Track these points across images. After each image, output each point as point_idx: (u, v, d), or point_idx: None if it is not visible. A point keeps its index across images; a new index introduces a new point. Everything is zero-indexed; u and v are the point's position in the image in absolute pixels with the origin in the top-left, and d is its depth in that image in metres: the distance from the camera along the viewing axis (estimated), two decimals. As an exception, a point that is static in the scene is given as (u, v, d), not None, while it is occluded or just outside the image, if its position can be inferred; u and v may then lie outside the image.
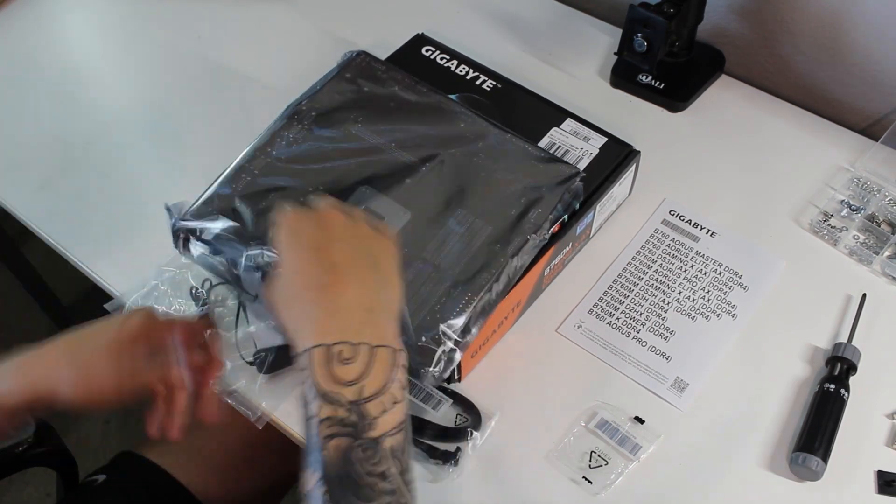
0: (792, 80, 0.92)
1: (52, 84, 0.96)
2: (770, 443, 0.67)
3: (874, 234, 0.79)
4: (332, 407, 0.46)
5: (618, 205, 0.82)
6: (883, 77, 0.85)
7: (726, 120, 0.90)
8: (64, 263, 0.82)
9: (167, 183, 0.86)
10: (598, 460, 0.66)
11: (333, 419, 0.46)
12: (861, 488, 0.64)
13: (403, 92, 0.76)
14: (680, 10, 0.83)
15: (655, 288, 0.76)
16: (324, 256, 0.51)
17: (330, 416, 0.46)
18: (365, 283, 0.52)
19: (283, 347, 0.72)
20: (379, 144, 0.72)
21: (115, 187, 0.86)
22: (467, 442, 0.67)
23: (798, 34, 0.88)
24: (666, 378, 0.70)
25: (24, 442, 0.80)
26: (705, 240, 0.79)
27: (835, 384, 0.67)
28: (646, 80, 0.91)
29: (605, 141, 0.78)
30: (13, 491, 1.43)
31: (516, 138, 0.73)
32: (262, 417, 0.69)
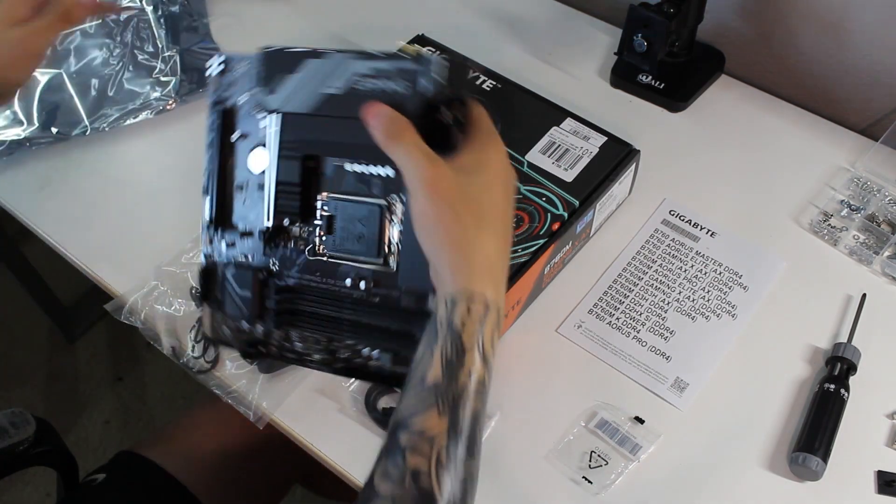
0: (792, 80, 0.92)
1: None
2: (770, 443, 0.67)
3: (874, 234, 0.79)
4: (483, 369, 0.46)
5: (618, 204, 0.82)
6: (883, 77, 0.85)
7: (726, 120, 0.90)
8: (64, 263, 0.82)
9: (167, 182, 0.86)
10: (598, 460, 0.66)
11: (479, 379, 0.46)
12: (861, 488, 0.64)
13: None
14: (680, 10, 0.83)
15: (655, 288, 0.76)
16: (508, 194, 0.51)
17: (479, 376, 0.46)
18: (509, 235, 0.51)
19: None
20: None
21: (115, 187, 0.86)
22: (467, 442, 0.67)
23: (798, 34, 0.88)
24: (666, 378, 0.71)
25: (24, 441, 0.80)
26: (705, 240, 0.79)
27: (835, 384, 0.67)
28: (646, 80, 0.91)
29: (605, 140, 0.78)
30: (13, 491, 1.43)
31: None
32: (263, 417, 0.69)
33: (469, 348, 0.46)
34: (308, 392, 0.71)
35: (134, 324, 0.75)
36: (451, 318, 0.46)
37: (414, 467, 0.43)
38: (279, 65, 0.56)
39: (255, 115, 0.59)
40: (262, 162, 0.58)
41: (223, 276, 0.59)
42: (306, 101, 0.55)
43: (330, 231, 0.56)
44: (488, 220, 0.49)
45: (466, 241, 0.47)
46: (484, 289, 0.47)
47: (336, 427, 0.69)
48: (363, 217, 0.55)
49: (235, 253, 0.59)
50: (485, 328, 0.47)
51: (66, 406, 1.55)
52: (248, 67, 0.58)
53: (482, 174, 0.50)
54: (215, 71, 0.59)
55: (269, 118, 0.57)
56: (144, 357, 1.60)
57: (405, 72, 0.51)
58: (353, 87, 0.53)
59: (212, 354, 0.73)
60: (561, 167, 0.76)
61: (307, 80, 0.55)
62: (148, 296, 0.76)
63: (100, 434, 1.51)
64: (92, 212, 0.85)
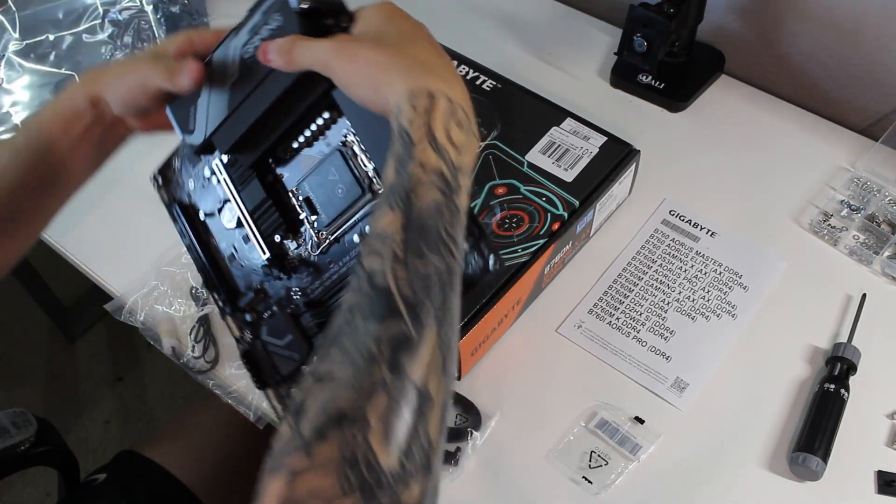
0: (792, 80, 0.92)
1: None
2: (770, 443, 0.67)
3: (874, 234, 0.79)
4: (437, 157, 0.43)
5: (618, 204, 0.82)
6: (883, 77, 0.85)
7: (726, 120, 0.90)
8: (64, 263, 0.83)
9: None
10: (598, 460, 0.66)
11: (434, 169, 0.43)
12: (861, 488, 0.64)
13: None
14: (680, 10, 0.83)
15: (655, 288, 0.76)
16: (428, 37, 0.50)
17: (438, 170, 0.43)
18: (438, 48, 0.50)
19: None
20: None
21: (114, 187, 0.86)
22: (467, 442, 0.67)
23: (798, 34, 0.88)
24: (666, 378, 0.71)
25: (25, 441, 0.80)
26: (705, 240, 0.79)
27: (835, 384, 0.67)
28: (646, 80, 0.91)
29: (605, 140, 0.78)
30: (13, 491, 1.43)
31: None
32: (263, 417, 0.69)
33: (417, 140, 0.43)
34: (308, 392, 0.71)
35: (134, 324, 0.75)
36: (399, 120, 0.44)
37: (369, 268, 0.40)
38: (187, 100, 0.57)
39: (200, 173, 0.61)
40: (233, 211, 0.59)
41: (262, 345, 0.58)
42: (220, 109, 0.55)
43: (315, 211, 0.56)
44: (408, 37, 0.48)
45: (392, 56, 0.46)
46: (425, 82, 0.45)
47: (336, 427, 0.69)
48: (331, 173, 0.54)
49: (255, 315, 0.59)
50: (433, 117, 0.44)
51: (66, 406, 1.55)
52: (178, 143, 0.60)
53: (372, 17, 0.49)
54: (159, 189, 0.63)
55: (213, 166, 0.59)
56: (144, 357, 1.60)
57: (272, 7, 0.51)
58: (243, 60, 0.53)
59: (212, 354, 0.73)
60: (561, 167, 0.76)
61: (212, 89, 0.55)
62: (148, 296, 0.76)
63: (100, 434, 1.51)
64: (92, 212, 0.85)
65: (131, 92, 0.56)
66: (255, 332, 0.59)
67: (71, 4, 0.90)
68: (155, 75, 0.55)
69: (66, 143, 0.58)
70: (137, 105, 0.56)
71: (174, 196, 0.63)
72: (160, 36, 0.92)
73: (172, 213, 0.63)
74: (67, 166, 0.59)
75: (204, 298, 0.76)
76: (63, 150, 0.58)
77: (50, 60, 0.88)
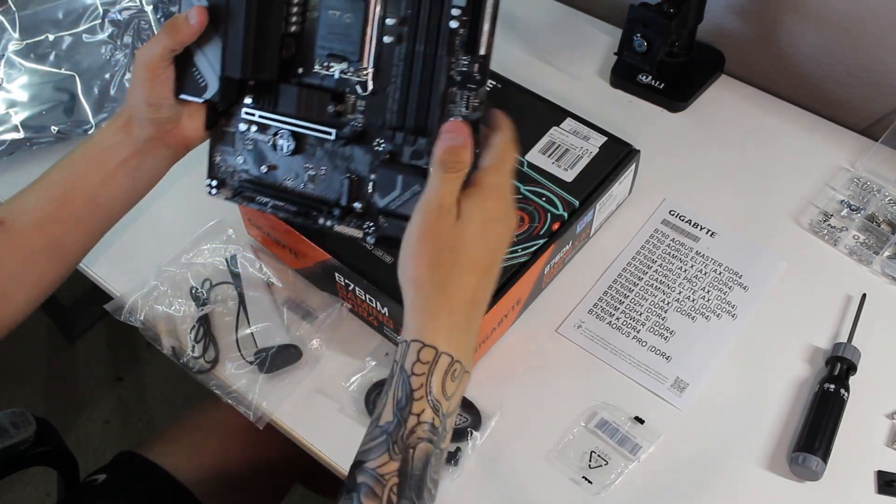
0: (792, 80, 0.92)
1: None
2: (770, 443, 0.67)
3: (874, 234, 0.79)
4: (431, 411, 0.50)
5: (618, 204, 0.82)
6: (883, 77, 0.85)
7: (726, 120, 0.90)
8: (64, 263, 0.82)
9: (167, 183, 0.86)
10: (598, 460, 0.66)
11: (430, 425, 0.49)
12: (861, 488, 0.64)
13: None
14: (680, 10, 0.83)
15: (655, 288, 0.76)
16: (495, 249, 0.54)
17: (431, 421, 0.49)
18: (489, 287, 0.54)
19: (283, 347, 0.72)
20: None
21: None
22: (467, 442, 0.67)
23: (798, 34, 0.88)
24: (666, 378, 0.71)
25: (24, 441, 0.80)
26: (705, 240, 0.79)
27: (835, 384, 0.67)
28: (646, 80, 0.91)
29: (605, 140, 0.78)
30: (13, 491, 1.43)
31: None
32: (263, 417, 0.69)
33: (417, 394, 0.49)
34: (308, 392, 0.71)
35: (134, 324, 0.75)
36: (403, 363, 0.50)
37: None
38: (185, 72, 0.61)
39: (239, 140, 0.64)
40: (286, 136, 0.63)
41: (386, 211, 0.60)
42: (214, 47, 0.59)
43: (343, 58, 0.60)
44: (466, 273, 0.52)
45: (435, 289, 0.51)
46: (435, 340, 0.50)
47: (336, 427, 0.69)
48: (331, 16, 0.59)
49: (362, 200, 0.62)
50: (433, 376, 0.50)
51: (66, 406, 1.55)
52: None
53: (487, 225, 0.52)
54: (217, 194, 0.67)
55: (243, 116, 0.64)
56: (144, 357, 1.60)
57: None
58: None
59: (212, 354, 0.73)
60: (561, 167, 0.76)
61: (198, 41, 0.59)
62: (148, 296, 0.76)
63: (100, 434, 1.51)
64: (92, 212, 0.85)
65: (148, 84, 0.58)
66: (372, 214, 0.61)
67: (71, 4, 0.90)
68: (156, 44, 0.57)
69: (99, 178, 0.62)
70: (159, 96, 0.59)
71: (235, 189, 0.66)
72: (160, 36, 0.92)
73: (242, 202, 0.65)
74: (99, 201, 0.62)
75: (204, 298, 0.76)
76: (95, 184, 0.61)
77: (50, 60, 0.88)
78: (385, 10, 0.58)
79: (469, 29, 0.56)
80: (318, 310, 0.75)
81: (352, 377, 0.71)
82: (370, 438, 0.50)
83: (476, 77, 0.56)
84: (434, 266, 0.51)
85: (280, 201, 0.64)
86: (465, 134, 0.53)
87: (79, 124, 0.88)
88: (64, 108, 0.88)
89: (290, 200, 0.63)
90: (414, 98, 0.58)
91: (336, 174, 0.62)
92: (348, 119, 0.60)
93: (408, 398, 0.49)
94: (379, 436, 0.49)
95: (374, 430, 0.50)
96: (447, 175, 0.52)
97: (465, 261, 0.51)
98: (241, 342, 0.73)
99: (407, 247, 0.52)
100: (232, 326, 0.74)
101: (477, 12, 0.55)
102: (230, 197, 0.66)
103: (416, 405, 0.49)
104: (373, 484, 0.48)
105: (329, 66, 0.60)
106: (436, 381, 0.50)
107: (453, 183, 0.52)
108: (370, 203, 0.61)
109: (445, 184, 0.51)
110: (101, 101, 0.89)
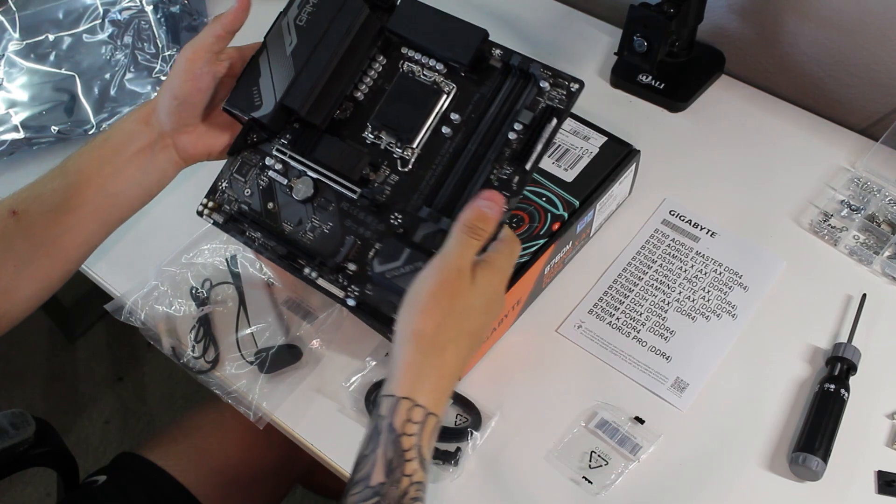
0: (792, 80, 0.92)
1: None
2: (770, 443, 0.67)
3: (874, 234, 0.79)
4: (421, 471, 0.50)
5: (618, 204, 0.82)
6: (883, 77, 0.85)
7: (726, 120, 0.90)
8: (64, 263, 0.82)
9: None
10: (598, 460, 0.66)
11: (421, 484, 0.50)
12: (861, 488, 0.64)
13: None
14: (680, 10, 0.83)
15: (655, 288, 0.76)
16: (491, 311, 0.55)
17: (421, 480, 0.50)
18: (473, 350, 0.55)
19: (283, 347, 0.72)
20: None
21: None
22: (467, 442, 0.67)
23: (798, 34, 0.88)
24: (666, 378, 0.71)
25: (24, 442, 0.80)
26: (705, 240, 0.79)
27: (835, 384, 0.67)
28: (646, 80, 0.91)
29: (605, 140, 0.78)
30: (13, 491, 1.43)
31: None
32: (263, 418, 0.69)
33: (409, 455, 0.49)
34: (308, 392, 0.71)
35: (134, 324, 0.75)
36: (392, 422, 0.50)
37: None
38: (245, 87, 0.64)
39: (255, 175, 0.67)
40: (306, 183, 0.64)
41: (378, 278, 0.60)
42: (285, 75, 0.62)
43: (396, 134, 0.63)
44: (463, 340, 0.53)
45: (434, 348, 0.51)
46: (426, 401, 0.51)
47: (336, 427, 0.69)
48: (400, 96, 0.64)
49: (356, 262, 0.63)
50: (423, 435, 0.50)
51: (66, 406, 1.55)
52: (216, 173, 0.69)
53: (489, 300, 0.54)
54: (208, 216, 0.68)
55: (274, 154, 0.66)
56: (144, 357, 1.60)
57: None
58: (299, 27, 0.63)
59: (212, 354, 0.73)
60: (561, 167, 0.76)
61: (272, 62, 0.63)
62: (148, 296, 0.76)
63: (100, 434, 1.51)
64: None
65: (181, 75, 0.60)
66: (360, 280, 0.62)
67: (71, 4, 0.90)
68: (203, 34, 0.59)
69: (112, 168, 0.62)
70: (187, 91, 0.60)
71: (228, 216, 0.67)
72: (160, 36, 0.92)
73: (230, 231, 0.66)
74: (110, 191, 0.62)
75: (204, 298, 0.76)
76: (108, 175, 0.62)
77: (50, 60, 0.88)
78: (452, 104, 0.62)
79: (524, 145, 0.59)
80: (318, 310, 0.75)
81: (352, 377, 0.71)
82: (361, 499, 0.49)
83: (513, 187, 0.59)
84: (440, 327, 0.51)
85: (271, 241, 0.65)
86: (499, 205, 0.54)
87: (79, 124, 0.88)
88: (64, 108, 0.88)
89: (281, 243, 0.64)
90: (450, 185, 0.60)
91: (340, 232, 0.63)
92: (375, 188, 0.62)
93: (399, 459, 0.49)
94: (371, 497, 0.49)
95: (365, 490, 0.49)
96: (470, 240, 0.53)
97: (468, 328, 0.52)
98: (241, 342, 0.73)
99: (415, 300, 0.52)
100: (232, 326, 0.74)
101: (536, 133, 0.58)
102: (220, 223, 0.67)
103: (407, 466, 0.49)
104: None
105: (379, 136, 0.63)
106: (424, 442, 0.50)
107: (473, 249, 0.53)
108: (363, 268, 0.62)
109: (467, 248, 0.53)
110: (101, 101, 0.89)
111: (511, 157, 0.59)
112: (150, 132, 0.63)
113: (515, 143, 0.59)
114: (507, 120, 0.60)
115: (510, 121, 0.60)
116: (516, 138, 0.59)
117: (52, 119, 0.87)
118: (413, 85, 0.63)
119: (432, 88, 0.62)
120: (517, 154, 0.59)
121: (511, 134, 0.59)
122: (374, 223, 0.62)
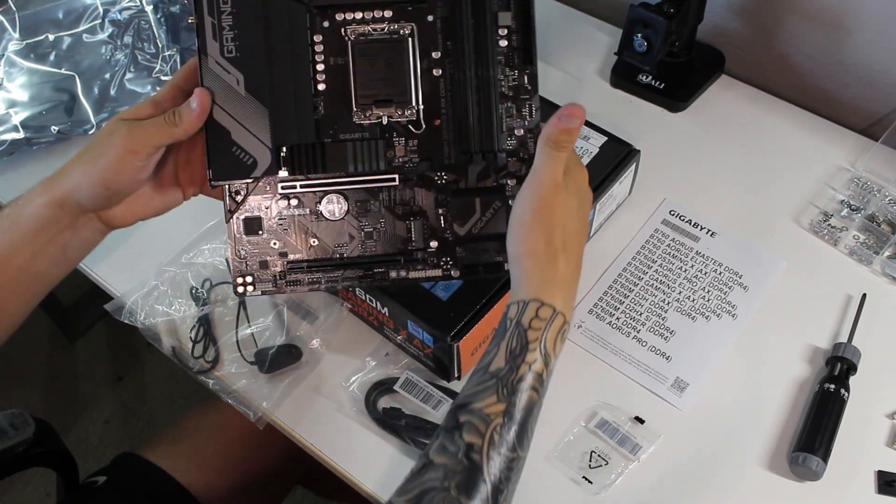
0: (792, 80, 0.92)
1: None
2: (770, 443, 0.67)
3: (874, 234, 0.79)
4: (542, 363, 0.52)
5: (618, 204, 0.82)
6: (883, 77, 0.85)
7: (726, 120, 0.90)
8: (64, 263, 0.82)
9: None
10: (598, 460, 0.66)
11: (539, 376, 0.51)
12: (861, 488, 0.64)
13: None
14: (680, 10, 0.83)
15: (655, 288, 0.76)
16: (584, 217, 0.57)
17: (540, 372, 0.52)
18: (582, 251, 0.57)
19: (283, 347, 0.72)
20: None
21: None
22: (467, 442, 0.66)
23: (798, 34, 0.88)
24: (666, 378, 0.71)
25: (24, 442, 0.80)
26: (705, 240, 0.79)
27: (835, 384, 0.67)
28: (646, 80, 0.91)
29: (605, 140, 0.78)
30: (13, 491, 1.43)
31: None
32: (263, 418, 0.69)
33: (532, 346, 0.51)
34: (308, 392, 0.71)
35: (134, 324, 0.75)
36: (520, 319, 0.52)
37: (468, 442, 0.49)
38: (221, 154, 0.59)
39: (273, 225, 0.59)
40: (333, 200, 0.59)
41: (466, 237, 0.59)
42: (259, 116, 0.57)
43: (388, 103, 0.58)
44: (571, 244, 0.54)
45: (549, 260, 0.53)
46: (553, 299, 0.53)
47: (336, 427, 0.69)
48: (369, 63, 0.58)
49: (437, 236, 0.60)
50: (549, 331, 0.52)
51: (66, 406, 1.55)
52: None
53: (581, 197, 0.56)
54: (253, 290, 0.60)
55: (280, 191, 0.59)
56: (144, 357, 1.60)
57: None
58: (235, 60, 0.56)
59: (212, 354, 0.73)
60: (561, 167, 0.76)
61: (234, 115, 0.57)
62: (148, 296, 0.76)
63: (100, 434, 1.51)
64: (92, 212, 0.84)
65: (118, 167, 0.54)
66: (446, 250, 0.59)
67: (71, 4, 0.90)
68: (153, 128, 0.54)
69: (30, 252, 0.57)
70: (123, 183, 0.55)
71: (276, 278, 0.59)
72: (160, 36, 0.92)
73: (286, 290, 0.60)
74: (32, 270, 0.58)
75: (204, 298, 0.76)
76: (27, 258, 0.57)
77: (50, 60, 0.88)
78: (422, 43, 0.57)
79: (523, 41, 0.57)
80: (318, 310, 0.75)
81: (352, 377, 0.71)
82: (477, 383, 0.51)
83: (527, 87, 0.57)
84: (549, 241, 0.53)
85: (335, 272, 0.59)
86: (580, 117, 0.55)
87: (79, 124, 0.88)
88: (64, 108, 0.88)
89: (349, 267, 0.59)
90: (475, 123, 0.57)
91: (398, 222, 0.59)
92: (403, 162, 0.58)
93: (522, 348, 0.51)
94: (488, 380, 0.51)
95: (483, 375, 0.51)
96: (559, 154, 0.54)
97: (572, 233, 0.54)
98: (241, 342, 0.73)
99: (520, 221, 0.54)
100: (232, 326, 0.74)
101: (527, 26, 0.56)
102: (269, 291, 0.59)
103: (529, 355, 0.51)
104: (477, 422, 0.49)
105: (373, 115, 0.58)
106: (550, 337, 0.52)
107: (562, 162, 0.54)
108: (445, 238, 0.59)
109: (558, 162, 0.54)
110: (101, 101, 0.89)
111: (509, 63, 0.57)
112: (68, 215, 0.57)
113: (507, 48, 0.57)
114: (488, 30, 0.56)
115: (491, 28, 0.56)
116: (507, 45, 0.57)
117: (52, 119, 0.87)
118: (372, 47, 0.57)
119: (392, 39, 0.57)
120: (523, 55, 0.57)
121: (502, 42, 0.57)
122: (424, 194, 0.58)
